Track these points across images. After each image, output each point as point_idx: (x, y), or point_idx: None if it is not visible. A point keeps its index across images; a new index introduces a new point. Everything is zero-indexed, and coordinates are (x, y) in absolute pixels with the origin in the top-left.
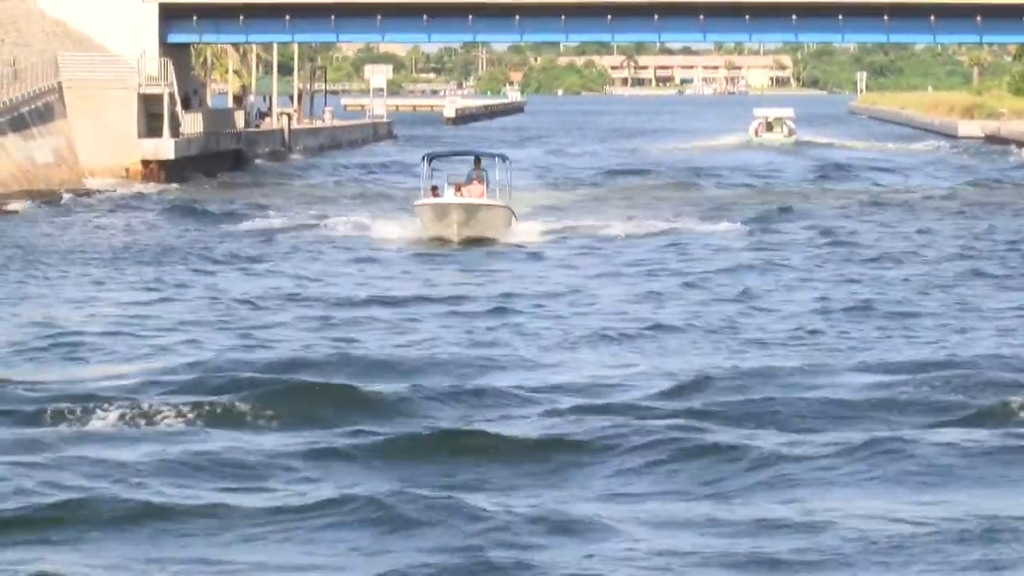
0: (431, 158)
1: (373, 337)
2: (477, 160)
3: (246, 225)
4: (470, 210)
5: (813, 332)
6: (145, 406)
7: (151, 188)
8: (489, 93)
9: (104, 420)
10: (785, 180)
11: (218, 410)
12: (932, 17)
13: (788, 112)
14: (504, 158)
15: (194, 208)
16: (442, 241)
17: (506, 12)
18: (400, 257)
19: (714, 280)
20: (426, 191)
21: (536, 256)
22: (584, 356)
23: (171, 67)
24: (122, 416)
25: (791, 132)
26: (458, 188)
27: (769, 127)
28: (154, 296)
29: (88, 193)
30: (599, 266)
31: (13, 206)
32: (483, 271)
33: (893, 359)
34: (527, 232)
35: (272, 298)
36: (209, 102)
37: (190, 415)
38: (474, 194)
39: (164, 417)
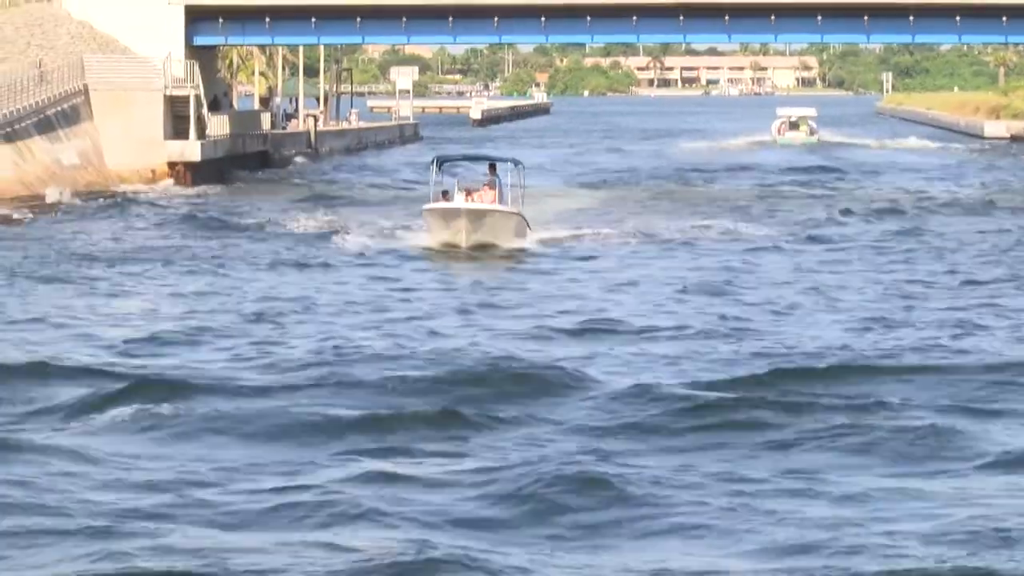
0: (441, 162)
1: (412, 339)
2: (492, 166)
3: (266, 229)
4: (479, 216)
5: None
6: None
7: (176, 190)
8: (515, 94)
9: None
10: (807, 180)
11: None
12: (957, 17)
13: (811, 112)
14: (517, 163)
15: (216, 211)
16: (450, 247)
17: (531, 13)
18: (408, 266)
19: (739, 286)
20: (435, 195)
21: (548, 264)
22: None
23: (197, 69)
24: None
25: (813, 131)
26: (469, 194)
27: (792, 126)
28: (169, 299)
29: (114, 195)
30: (619, 273)
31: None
32: (496, 279)
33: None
34: (539, 240)
35: (290, 303)
36: (235, 104)
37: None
38: (485, 200)
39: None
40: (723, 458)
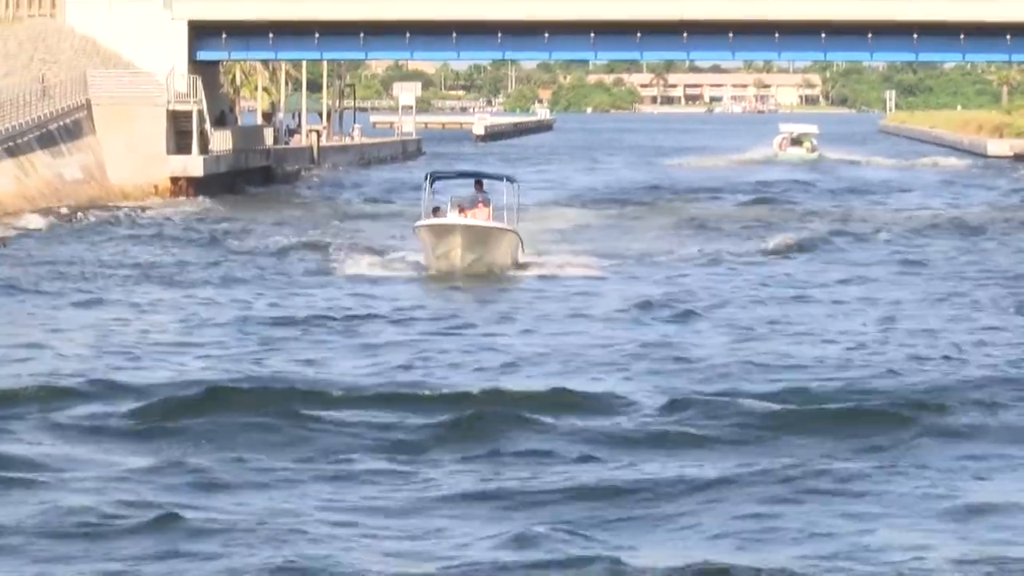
0: (433, 178)
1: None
2: (478, 183)
3: (261, 245)
4: (475, 232)
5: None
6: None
7: (179, 205)
8: (518, 111)
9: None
10: (806, 198)
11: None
12: (961, 36)
13: (812, 128)
14: (512, 180)
15: (215, 227)
16: (444, 262)
17: (535, 30)
18: (401, 286)
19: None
20: (427, 212)
21: (543, 284)
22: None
23: (200, 84)
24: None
25: (813, 148)
26: (462, 210)
27: (793, 142)
28: (159, 316)
29: (115, 210)
30: (618, 291)
31: (36, 223)
32: (491, 300)
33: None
34: (533, 259)
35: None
36: (239, 119)
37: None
38: (479, 218)
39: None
40: (756, 470)
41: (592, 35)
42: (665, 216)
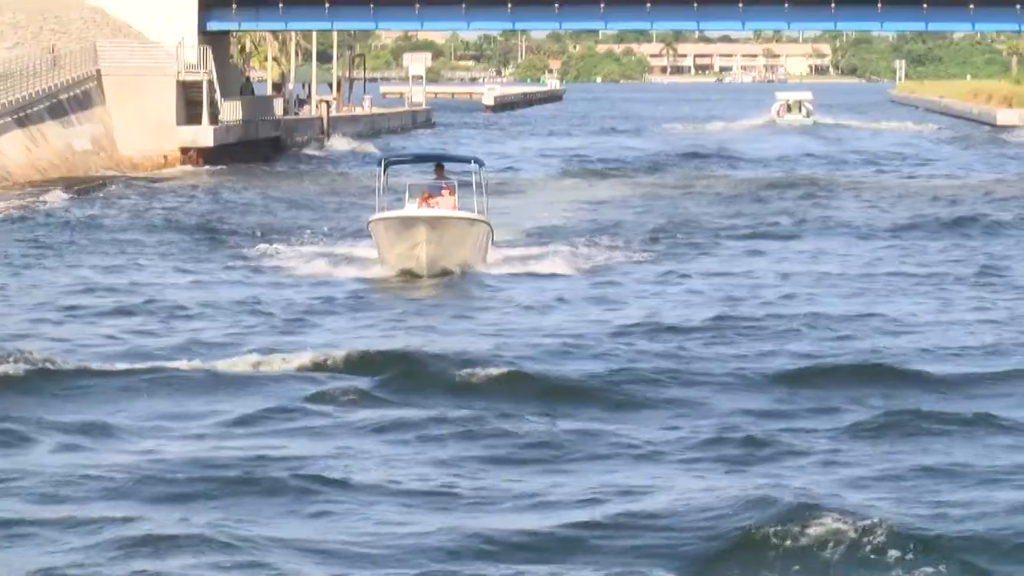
0: (388, 164)
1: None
2: (439, 167)
3: (259, 223)
4: (443, 224)
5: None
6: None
7: (189, 175)
8: (528, 80)
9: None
10: (802, 165)
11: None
12: (971, 5)
13: (807, 95)
14: (479, 163)
15: (220, 199)
16: (408, 261)
17: (545, 0)
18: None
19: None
20: (381, 204)
21: (511, 282)
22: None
23: (210, 54)
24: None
25: (809, 113)
26: (424, 200)
27: (789, 108)
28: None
29: (126, 180)
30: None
31: (45, 197)
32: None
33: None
34: (504, 253)
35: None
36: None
37: None
38: (445, 207)
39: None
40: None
41: (602, 5)
42: (664, 188)
